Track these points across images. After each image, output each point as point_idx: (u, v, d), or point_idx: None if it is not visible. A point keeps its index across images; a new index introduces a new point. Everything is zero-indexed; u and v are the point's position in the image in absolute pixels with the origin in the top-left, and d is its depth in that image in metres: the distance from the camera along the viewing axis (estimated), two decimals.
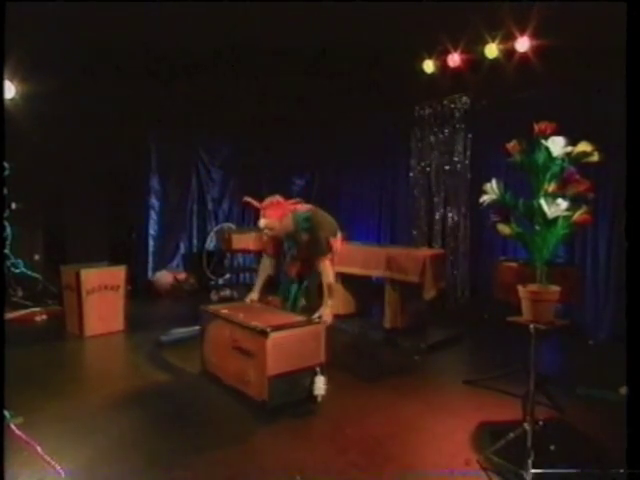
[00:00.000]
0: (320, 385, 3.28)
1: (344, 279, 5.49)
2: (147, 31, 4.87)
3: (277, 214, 3.62)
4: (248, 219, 8.13)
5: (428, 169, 6.28)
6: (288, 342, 3.24)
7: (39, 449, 2.58)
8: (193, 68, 5.79)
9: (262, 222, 3.63)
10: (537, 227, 2.48)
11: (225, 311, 3.72)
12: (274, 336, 3.16)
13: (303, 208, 3.77)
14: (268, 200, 3.67)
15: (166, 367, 4.11)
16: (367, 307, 5.69)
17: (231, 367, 3.51)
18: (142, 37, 5.00)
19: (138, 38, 5.01)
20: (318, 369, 3.30)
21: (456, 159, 5.99)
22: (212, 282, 7.48)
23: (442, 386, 3.78)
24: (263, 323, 3.28)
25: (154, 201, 7.50)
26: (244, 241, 6.64)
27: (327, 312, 3.56)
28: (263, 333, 3.17)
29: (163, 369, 4.06)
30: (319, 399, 3.29)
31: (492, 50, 5.03)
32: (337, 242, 3.82)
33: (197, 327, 4.68)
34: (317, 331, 3.39)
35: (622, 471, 2.13)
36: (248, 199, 3.72)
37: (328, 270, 3.64)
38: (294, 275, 3.95)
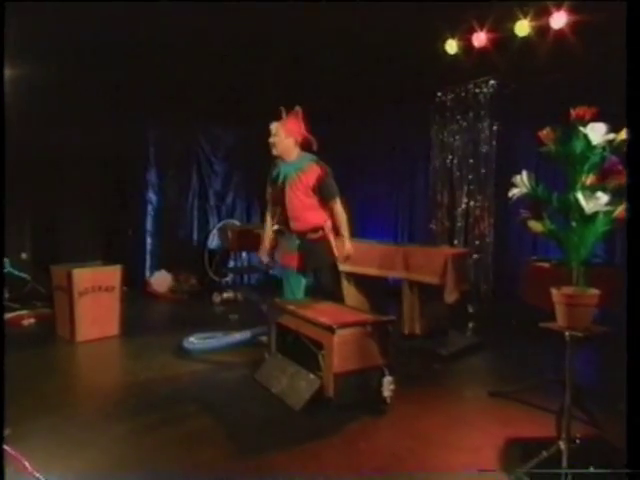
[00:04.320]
0: (388, 386, 3.37)
1: (357, 280, 5.46)
2: (143, 11, 4.86)
3: (288, 126, 4.00)
4: (253, 215, 8.15)
5: (450, 160, 6.23)
6: (355, 340, 3.39)
7: (27, 464, 2.58)
8: (193, 49, 5.77)
9: (274, 125, 4.03)
10: (573, 224, 2.44)
11: (292, 307, 3.88)
12: (341, 333, 3.31)
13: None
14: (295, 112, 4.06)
15: (164, 375, 4.11)
16: (383, 311, 5.65)
17: None
18: (138, 17, 4.99)
19: (134, 18, 5.00)
20: (386, 369, 3.40)
21: (481, 149, 5.94)
22: (214, 283, 7.49)
23: (465, 398, 3.75)
24: (330, 319, 3.41)
25: (152, 195, 7.54)
26: (249, 239, 6.63)
27: (349, 246, 4.05)
28: (330, 329, 3.31)
29: (161, 377, 4.06)
30: (388, 400, 3.38)
31: (523, 27, 4.94)
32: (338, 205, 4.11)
33: (236, 335, 4.78)
34: (385, 330, 3.50)
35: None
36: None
37: (342, 211, 4.06)
38: (293, 266, 4.14)
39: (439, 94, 6.27)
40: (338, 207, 4.08)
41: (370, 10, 4.87)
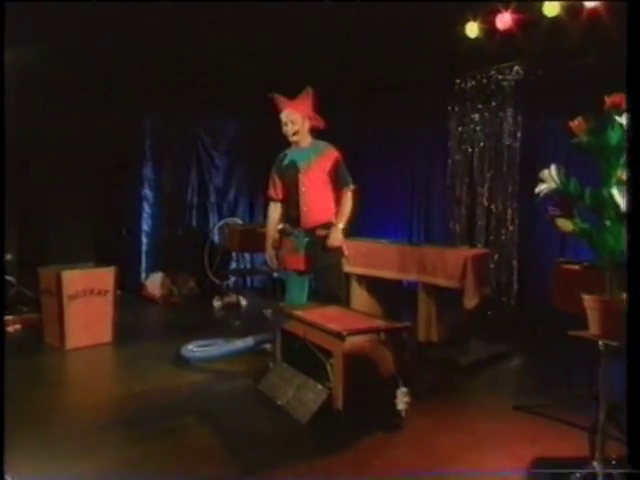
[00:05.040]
0: (403, 398, 3.33)
1: (369, 283, 5.45)
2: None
3: (303, 109, 3.99)
4: (257, 213, 8.14)
5: (470, 153, 6.21)
6: (367, 348, 3.37)
7: None
8: (192, 36, 5.77)
9: (285, 114, 4.01)
10: (607, 222, 2.42)
11: (299, 312, 3.88)
12: (351, 340, 3.30)
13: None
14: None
15: (161, 386, 4.11)
16: (397, 317, 5.64)
17: None
18: (137, 6, 5.00)
19: (132, 6, 5.01)
20: (400, 380, 3.37)
21: (504, 141, 5.90)
22: (215, 286, 7.49)
23: (487, 412, 3.71)
24: (340, 325, 3.41)
25: (147, 192, 7.56)
26: (252, 239, 6.63)
27: (337, 235, 3.96)
28: (339, 336, 3.29)
29: (157, 388, 4.06)
30: (403, 414, 3.34)
31: (552, 7, 4.88)
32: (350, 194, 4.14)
33: (239, 343, 4.79)
34: (399, 337, 3.50)
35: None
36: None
37: (350, 201, 4.07)
38: (298, 269, 4.12)
39: (458, 81, 6.23)
40: (349, 196, 4.12)
41: None
